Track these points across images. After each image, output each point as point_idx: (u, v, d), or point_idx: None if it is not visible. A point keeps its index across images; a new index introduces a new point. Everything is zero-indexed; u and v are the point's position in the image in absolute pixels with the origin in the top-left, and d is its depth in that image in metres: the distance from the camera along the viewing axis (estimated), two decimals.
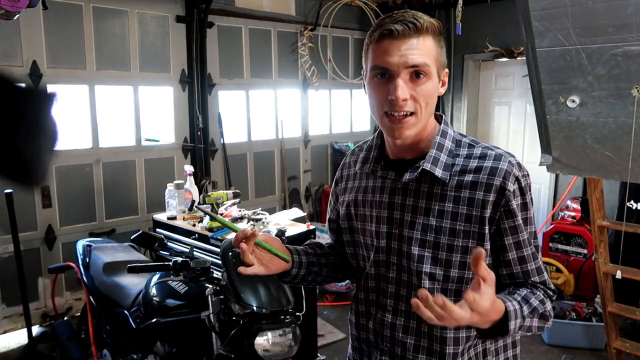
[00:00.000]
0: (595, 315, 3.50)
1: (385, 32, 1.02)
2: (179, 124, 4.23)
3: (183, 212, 3.18)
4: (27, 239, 3.46)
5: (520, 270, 1.10)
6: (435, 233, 1.09)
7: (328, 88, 5.30)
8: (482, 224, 1.06)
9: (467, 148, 1.12)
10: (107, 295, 2.57)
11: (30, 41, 3.39)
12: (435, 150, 1.10)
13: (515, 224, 1.07)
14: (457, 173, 1.09)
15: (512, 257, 1.09)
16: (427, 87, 1.04)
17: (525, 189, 1.08)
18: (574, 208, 4.13)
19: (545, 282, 1.13)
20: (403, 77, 1.02)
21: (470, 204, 1.06)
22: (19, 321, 3.54)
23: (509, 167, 1.06)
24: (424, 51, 1.02)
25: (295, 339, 1.89)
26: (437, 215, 1.08)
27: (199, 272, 1.95)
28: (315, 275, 1.27)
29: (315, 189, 5.28)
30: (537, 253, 1.12)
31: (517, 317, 1.00)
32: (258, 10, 4.53)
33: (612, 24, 1.75)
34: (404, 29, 1.00)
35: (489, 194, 1.05)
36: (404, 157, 1.15)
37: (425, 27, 1.02)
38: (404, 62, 1.01)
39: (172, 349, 2.21)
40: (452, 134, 1.14)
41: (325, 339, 3.51)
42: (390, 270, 1.15)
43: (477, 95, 5.36)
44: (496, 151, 1.09)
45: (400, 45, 1.01)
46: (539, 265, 1.12)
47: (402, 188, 1.13)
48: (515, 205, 1.06)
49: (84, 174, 3.75)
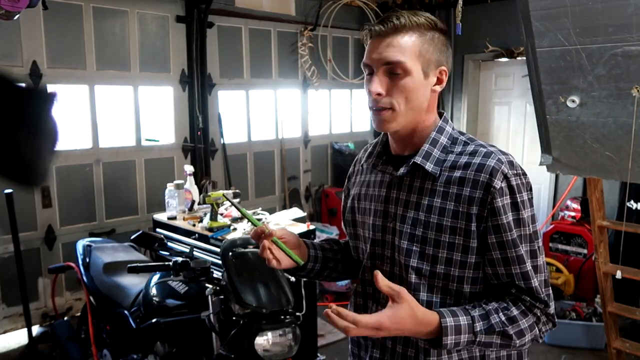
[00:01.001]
0: (595, 315, 3.50)
1: (368, 32, 1.10)
2: (179, 124, 4.23)
3: (183, 212, 3.18)
4: (27, 239, 3.46)
5: (504, 271, 1.07)
6: (424, 228, 1.10)
7: (328, 88, 5.30)
8: (468, 220, 1.06)
9: (462, 145, 1.13)
10: (107, 295, 2.57)
11: (30, 41, 3.39)
12: (428, 145, 1.13)
13: (499, 223, 1.05)
14: (447, 169, 1.10)
15: (495, 257, 1.07)
16: (404, 83, 1.07)
17: (516, 187, 1.05)
18: (574, 208, 4.13)
19: (534, 289, 1.07)
20: (380, 73, 1.08)
21: (457, 200, 1.07)
22: (19, 321, 3.54)
23: (497, 164, 1.05)
24: (401, 49, 1.06)
25: (295, 339, 1.90)
26: (426, 210, 1.10)
27: (199, 272, 1.95)
28: (331, 271, 1.32)
29: (315, 189, 5.28)
30: (529, 258, 1.07)
31: (461, 332, 1.01)
32: (258, 10, 4.53)
33: (612, 24, 1.75)
34: (381, 29, 1.07)
35: (475, 190, 1.05)
36: (403, 153, 1.18)
37: (406, 25, 1.07)
38: (378, 59, 1.08)
39: (172, 349, 2.21)
40: (450, 131, 1.15)
41: (325, 339, 3.51)
42: (384, 264, 1.18)
43: (477, 95, 5.36)
44: (488, 149, 1.10)
45: (379, 43, 1.08)
46: (526, 270, 1.06)
47: (397, 182, 1.16)
48: (501, 204, 1.04)
49: (84, 174, 3.75)
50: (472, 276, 1.10)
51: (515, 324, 1.05)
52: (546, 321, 1.10)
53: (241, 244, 2.06)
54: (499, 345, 1.05)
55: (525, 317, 1.06)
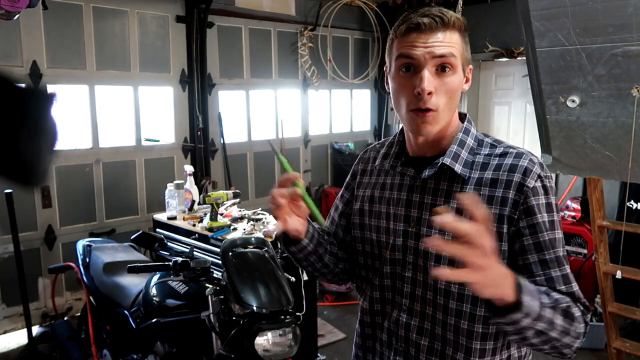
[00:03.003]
0: (595, 315, 3.50)
1: (412, 26, 1.01)
2: (179, 124, 4.23)
3: (183, 212, 3.18)
4: (27, 239, 3.46)
5: (544, 276, 1.00)
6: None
7: (328, 88, 5.30)
8: (500, 222, 1.01)
9: (489, 147, 1.10)
10: (107, 295, 2.57)
11: (30, 41, 3.39)
12: (456, 146, 1.08)
13: (535, 222, 0.99)
14: (477, 171, 1.06)
15: (532, 261, 1.00)
16: (452, 80, 1.02)
17: (550, 189, 1.02)
18: (574, 208, 4.13)
19: (575, 294, 1.00)
20: (429, 69, 1.00)
21: (489, 201, 1.03)
22: (19, 321, 3.54)
23: (530, 164, 1.02)
24: (451, 44, 1.01)
25: (295, 339, 1.89)
26: (455, 213, 1.02)
27: (199, 272, 1.95)
28: (318, 259, 1.21)
29: (316, 189, 5.28)
30: (565, 262, 1.01)
31: (533, 295, 0.87)
32: (258, 10, 4.53)
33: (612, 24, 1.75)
34: (431, 22, 1.00)
35: (509, 190, 1.01)
36: (424, 155, 1.12)
37: (452, 21, 1.02)
38: (430, 52, 1.00)
39: (172, 349, 2.21)
40: (475, 133, 1.12)
41: (325, 339, 3.51)
42: (405, 270, 1.12)
43: (477, 95, 5.36)
44: (518, 149, 1.07)
45: (427, 38, 1.00)
46: (565, 273, 1.00)
47: (420, 185, 1.11)
48: (536, 203, 1.00)
49: (84, 174, 3.75)
50: None
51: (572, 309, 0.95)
52: (585, 325, 0.98)
53: (241, 244, 2.06)
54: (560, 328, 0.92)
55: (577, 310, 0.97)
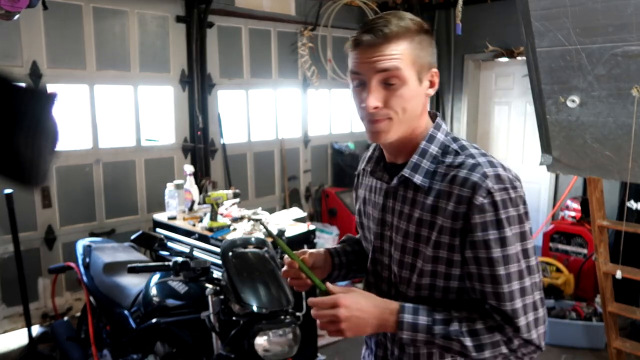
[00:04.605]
0: (595, 315, 3.50)
1: (356, 42, 1.04)
2: (179, 124, 4.23)
3: (183, 212, 3.19)
4: (27, 239, 3.46)
5: (478, 287, 1.03)
6: (414, 240, 1.09)
7: (328, 88, 5.30)
8: (453, 235, 1.03)
9: (453, 155, 1.08)
10: (107, 295, 2.57)
11: (30, 41, 3.39)
12: (417, 156, 1.09)
13: (475, 240, 1.00)
14: (438, 181, 1.06)
15: (471, 271, 1.03)
16: (401, 93, 1.03)
17: (500, 203, 0.99)
18: (574, 208, 4.13)
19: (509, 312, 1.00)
20: (374, 83, 1.03)
21: (443, 214, 1.04)
22: (19, 321, 3.54)
23: (480, 179, 1.00)
24: (394, 57, 1.01)
25: (295, 339, 1.89)
26: (416, 222, 1.08)
27: (199, 272, 1.95)
28: (356, 272, 1.36)
29: (315, 189, 5.28)
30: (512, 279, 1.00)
31: (418, 330, 1.02)
32: (258, 10, 4.53)
33: (612, 24, 1.75)
34: (371, 39, 1.02)
35: (459, 205, 1.01)
36: (395, 162, 1.15)
37: (396, 33, 1.01)
38: (372, 68, 1.02)
39: (172, 349, 2.21)
40: (442, 139, 1.10)
41: (325, 339, 3.51)
42: (383, 270, 1.19)
43: (477, 95, 5.36)
44: (476, 160, 1.04)
45: (371, 53, 1.02)
46: (502, 291, 1.00)
47: (392, 192, 1.15)
48: (480, 221, 1.00)
49: (84, 174, 3.75)
50: (457, 286, 1.07)
51: (476, 337, 1.01)
52: (524, 344, 1.01)
53: (241, 244, 2.06)
54: (458, 352, 1.02)
55: (490, 333, 1.01)
